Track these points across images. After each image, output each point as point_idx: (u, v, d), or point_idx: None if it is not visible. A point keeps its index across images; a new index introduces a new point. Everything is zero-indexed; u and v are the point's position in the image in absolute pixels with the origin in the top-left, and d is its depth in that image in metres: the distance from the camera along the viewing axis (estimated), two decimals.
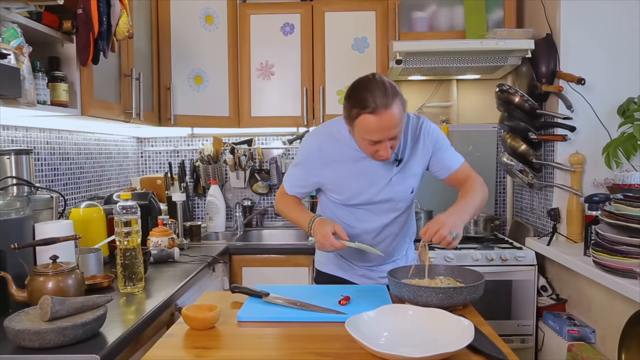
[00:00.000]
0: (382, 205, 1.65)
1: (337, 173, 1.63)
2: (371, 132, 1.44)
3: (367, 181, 1.62)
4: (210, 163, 3.03)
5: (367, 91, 1.42)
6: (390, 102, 1.40)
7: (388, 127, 1.42)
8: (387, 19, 2.77)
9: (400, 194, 1.65)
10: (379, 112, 1.40)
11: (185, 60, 2.67)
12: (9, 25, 1.48)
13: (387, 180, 1.62)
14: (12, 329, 1.15)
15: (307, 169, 1.67)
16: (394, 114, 1.41)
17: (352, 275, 1.77)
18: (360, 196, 1.64)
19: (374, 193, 1.63)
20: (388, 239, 1.71)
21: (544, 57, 2.38)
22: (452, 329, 1.12)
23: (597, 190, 2.25)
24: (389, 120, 1.41)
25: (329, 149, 1.63)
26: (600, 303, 2.00)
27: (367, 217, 1.67)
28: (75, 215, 1.90)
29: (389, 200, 1.65)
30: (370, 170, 1.61)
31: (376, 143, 1.46)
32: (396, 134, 1.46)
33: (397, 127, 1.44)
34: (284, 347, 1.17)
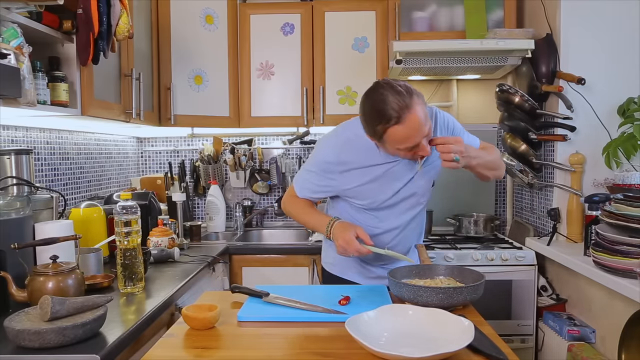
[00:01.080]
0: (405, 202, 1.63)
1: (359, 180, 1.57)
2: (405, 141, 1.37)
3: (390, 181, 1.57)
4: (210, 163, 3.03)
5: (381, 103, 1.35)
6: (409, 102, 1.34)
7: (419, 129, 1.36)
8: (387, 19, 2.77)
9: (422, 187, 1.63)
10: (404, 119, 1.33)
11: (185, 60, 2.67)
12: (9, 25, 1.48)
13: (410, 176, 1.59)
14: (12, 329, 1.15)
15: (323, 177, 1.60)
16: (418, 112, 1.34)
17: (362, 278, 1.75)
18: (383, 198, 1.59)
19: (397, 191, 1.59)
20: (409, 235, 1.70)
21: (544, 57, 2.38)
22: (452, 329, 1.12)
23: (597, 190, 2.25)
24: (416, 122, 1.34)
25: (348, 157, 1.56)
26: (600, 303, 2.00)
27: (390, 217, 1.64)
28: (75, 215, 1.91)
29: (413, 196, 1.63)
30: (392, 170, 1.57)
31: (413, 147, 1.40)
32: (428, 129, 1.39)
33: (426, 124, 1.38)
34: (284, 347, 1.17)
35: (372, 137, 1.43)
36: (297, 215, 1.69)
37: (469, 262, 2.36)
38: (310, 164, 1.64)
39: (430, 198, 1.74)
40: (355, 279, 1.75)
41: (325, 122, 2.79)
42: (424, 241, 2.64)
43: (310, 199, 1.69)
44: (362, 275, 1.75)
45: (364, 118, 1.41)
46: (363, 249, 1.46)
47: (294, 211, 1.70)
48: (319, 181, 1.62)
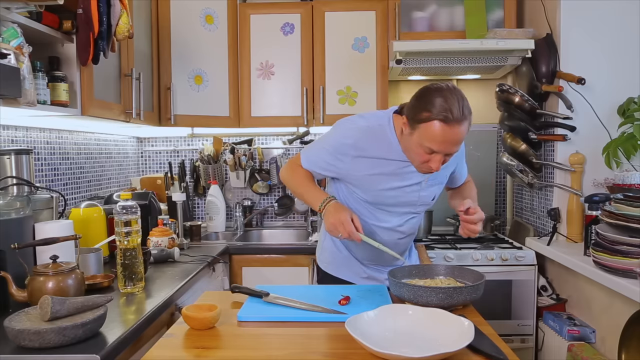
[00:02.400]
0: (404, 207, 1.64)
1: (368, 169, 1.56)
2: (435, 141, 1.39)
3: (396, 181, 1.57)
4: (210, 163, 3.03)
5: (444, 99, 1.38)
6: (464, 118, 1.39)
7: (453, 142, 1.39)
8: (387, 18, 2.77)
9: (423, 199, 1.64)
10: (451, 124, 1.36)
11: (185, 60, 2.67)
12: (9, 25, 1.49)
13: (417, 184, 1.59)
14: (12, 329, 1.15)
15: (335, 157, 1.58)
16: (463, 130, 1.39)
17: (357, 277, 1.76)
18: (385, 197, 1.60)
19: (400, 196, 1.59)
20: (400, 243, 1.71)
21: (544, 57, 2.38)
22: (452, 329, 1.12)
23: (597, 190, 2.25)
24: (457, 135, 1.38)
25: (365, 144, 1.55)
26: (600, 303, 2.00)
27: (386, 217, 1.65)
28: (75, 215, 1.90)
29: (412, 204, 1.64)
30: (405, 176, 1.57)
31: (432, 153, 1.42)
32: (456, 151, 1.44)
33: (460, 145, 1.42)
34: (284, 347, 1.17)
35: (411, 120, 1.43)
36: (294, 185, 1.66)
37: (469, 262, 2.36)
38: (325, 142, 1.62)
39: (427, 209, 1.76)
40: (350, 279, 1.75)
41: (325, 122, 2.79)
42: (424, 241, 2.65)
43: (314, 173, 1.66)
44: (356, 274, 1.76)
45: (418, 98, 1.43)
46: (355, 235, 1.45)
47: (292, 180, 1.66)
48: (329, 159, 1.60)
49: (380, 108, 2.77)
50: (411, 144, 1.46)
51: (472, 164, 2.98)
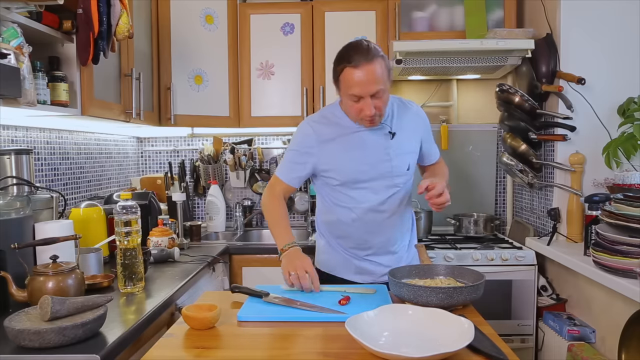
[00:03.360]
0: (380, 181, 1.68)
1: (333, 150, 1.67)
2: (353, 86, 1.52)
3: (363, 155, 1.66)
4: (210, 163, 3.03)
5: (350, 49, 1.54)
6: (372, 58, 1.50)
7: (369, 81, 1.50)
8: (387, 19, 2.77)
9: (397, 168, 1.69)
10: (360, 66, 1.49)
11: (185, 60, 2.67)
12: (9, 25, 1.49)
13: (384, 153, 1.67)
14: (12, 329, 1.15)
15: (302, 149, 1.70)
16: (375, 69, 1.50)
17: (350, 273, 1.78)
18: (358, 172, 1.66)
19: (371, 167, 1.66)
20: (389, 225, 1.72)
21: (544, 57, 2.38)
22: (452, 329, 1.12)
23: (597, 190, 2.25)
24: (369, 74, 1.49)
25: (323, 129, 1.68)
26: (600, 303, 2.00)
27: (367, 197, 1.69)
28: (75, 215, 1.91)
29: (388, 175, 1.68)
30: (365, 144, 1.66)
31: (359, 100, 1.54)
32: (378, 90, 1.52)
33: (378, 83, 1.51)
34: (284, 347, 1.17)
35: (334, 81, 1.60)
36: (268, 217, 1.75)
37: (469, 262, 2.36)
38: (290, 148, 1.75)
39: (410, 187, 1.77)
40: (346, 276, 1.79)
41: None
42: (424, 241, 2.65)
43: (292, 181, 1.74)
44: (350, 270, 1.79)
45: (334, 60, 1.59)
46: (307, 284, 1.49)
47: (267, 212, 1.75)
48: (299, 159, 1.71)
49: None
50: (344, 102, 1.61)
51: (472, 164, 3.01)
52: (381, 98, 1.55)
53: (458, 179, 3.02)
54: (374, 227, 1.70)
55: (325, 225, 1.83)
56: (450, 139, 3.01)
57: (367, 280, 1.77)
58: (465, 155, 3.02)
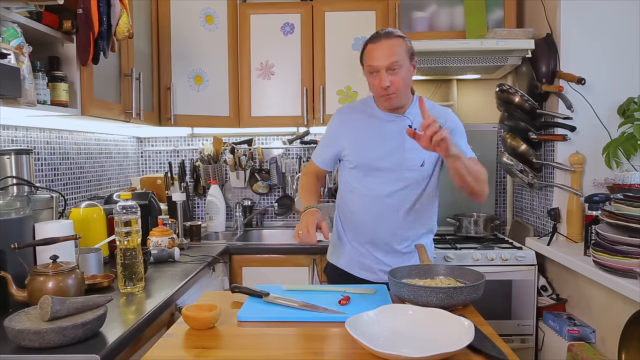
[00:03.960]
0: (391, 172, 1.71)
1: (354, 133, 1.77)
2: (370, 58, 1.63)
3: (378, 142, 1.72)
4: (210, 163, 3.03)
5: (376, 32, 1.69)
6: (390, 36, 1.63)
7: (384, 54, 1.60)
8: (387, 19, 2.76)
9: (409, 161, 1.70)
10: (380, 41, 1.62)
11: (185, 60, 2.67)
12: (9, 25, 1.49)
13: (399, 144, 1.69)
14: (12, 329, 1.15)
15: (328, 133, 1.85)
16: (394, 44, 1.61)
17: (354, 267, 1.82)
18: (371, 157, 1.72)
19: (384, 154, 1.70)
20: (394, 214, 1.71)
21: (544, 57, 2.38)
22: (452, 329, 1.12)
23: (597, 190, 2.25)
24: (386, 48, 1.61)
25: (349, 117, 1.81)
26: (600, 303, 2.00)
27: (375, 185, 1.73)
28: (75, 215, 1.90)
29: (399, 168, 1.70)
30: (383, 131, 1.72)
31: (376, 73, 1.62)
32: (392, 63, 1.60)
33: (395, 57, 1.60)
34: (284, 347, 1.17)
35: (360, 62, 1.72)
36: (300, 188, 1.90)
37: (469, 262, 2.36)
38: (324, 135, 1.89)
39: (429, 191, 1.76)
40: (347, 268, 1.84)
41: (325, 122, 2.79)
42: None
43: (321, 163, 1.87)
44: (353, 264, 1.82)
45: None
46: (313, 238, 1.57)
47: (300, 183, 1.90)
48: (324, 142, 1.86)
49: None
50: (367, 81, 1.70)
51: None
52: (397, 73, 1.62)
53: None
54: (377, 218, 1.72)
55: (339, 215, 1.89)
56: None
57: (370, 278, 1.78)
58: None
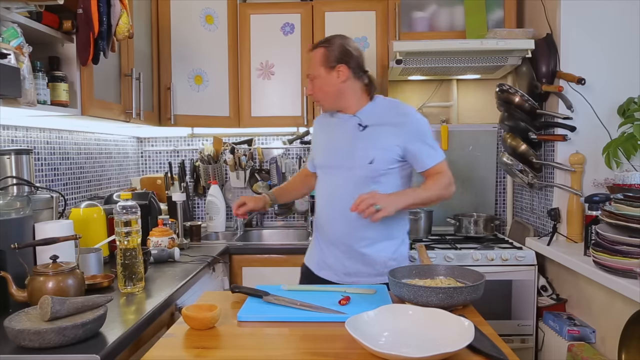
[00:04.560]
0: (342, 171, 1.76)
1: (320, 136, 1.91)
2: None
3: (331, 141, 1.83)
4: (210, 163, 3.03)
5: None
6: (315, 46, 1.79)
7: (310, 65, 1.81)
8: (387, 19, 2.76)
9: (358, 160, 1.73)
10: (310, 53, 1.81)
11: (185, 60, 2.67)
12: (9, 25, 1.48)
13: (350, 142, 1.76)
14: (12, 329, 1.15)
15: (312, 140, 2.01)
16: (313, 54, 1.78)
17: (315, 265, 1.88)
18: (325, 156, 1.84)
19: (336, 153, 1.80)
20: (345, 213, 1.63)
21: (544, 57, 2.38)
22: (452, 329, 1.12)
23: (597, 190, 2.25)
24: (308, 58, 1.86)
25: (317, 124, 1.97)
26: (600, 303, 2.00)
27: (329, 184, 1.81)
28: (75, 215, 1.90)
29: (348, 166, 1.75)
30: (336, 131, 1.82)
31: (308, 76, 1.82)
32: (310, 74, 1.79)
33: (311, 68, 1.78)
34: (284, 347, 1.17)
35: None
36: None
37: (469, 262, 2.36)
38: None
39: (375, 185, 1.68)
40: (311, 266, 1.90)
41: None
42: (424, 241, 2.65)
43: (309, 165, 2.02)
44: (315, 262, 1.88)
45: None
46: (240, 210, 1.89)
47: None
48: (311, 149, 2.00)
49: None
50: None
51: (472, 164, 3.01)
52: (313, 81, 1.78)
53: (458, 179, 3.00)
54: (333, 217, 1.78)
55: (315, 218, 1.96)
56: (450, 139, 3.01)
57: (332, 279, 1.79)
58: (465, 155, 3.02)
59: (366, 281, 1.73)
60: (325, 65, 1.75)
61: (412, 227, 2.75)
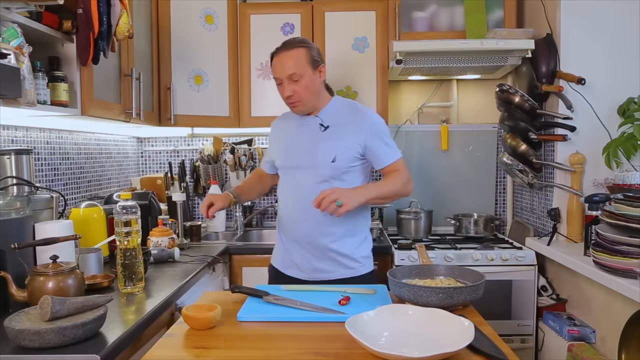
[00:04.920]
0: (305, 170, 1.79)
1: (278, 138, 1.93)
2: (274, 70, 1.78)
3: (293, 142, 1.85)
4: (210, 163, 3.03)
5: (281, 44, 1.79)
6: (291, 47, 1.75)
7: (285, 65, 1.73)
8: (387, 19, 2.76)
9: (321, 159, 1.77)
10: (280, 53, 1.76)
11: (185, 60, 2.67)
12: (9, 25, 1.48)
13: (312, 143, 1.80)
14: (12, 329, 1.15)
15: (269, 142, 2.01)
16: (295, 54, 1.73)
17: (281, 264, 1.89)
18: (287, 157, 1.86)
19: (298, 153, 1.81)
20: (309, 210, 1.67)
21: (544, 57, 2.38)
22: (452, 329, 1.12)
23: (597, 190, 2.25)
24: (286, 59, 1.73)
25: (275, 126, 1.99)
26: (600, 303, 2.00)
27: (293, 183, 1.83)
28: (75, 215, 1.91)
29: (311, 164, 1.78)
30: (297, 132, 1.85)
31: (281, 84, 1.76)
32: (292, 74, 1.72)
33: (294, 67, 1.72)
34: (284, 347, 1.17)
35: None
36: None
37: (469, 262, 2.36)
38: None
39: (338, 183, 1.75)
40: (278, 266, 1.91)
41: None
42: (424, 241, 2.65)
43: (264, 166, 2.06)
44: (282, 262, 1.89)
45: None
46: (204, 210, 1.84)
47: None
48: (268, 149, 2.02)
49: (380, 108, 2.77)
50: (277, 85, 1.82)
51: (472, 164, 3.01)
52: (298, 82, 1.74)
53: (458, 179, 3.02)
54: (298, 214, 1.81)
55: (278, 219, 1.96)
56: (450, 139, 3.01)
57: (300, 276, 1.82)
58: (465, 155, 3.02)
59: (333, 276, 1.81)
60: (311, 64, 1.76)
61: (412, 227, 2.76)
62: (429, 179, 3.02)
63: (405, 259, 2.38)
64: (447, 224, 2.87)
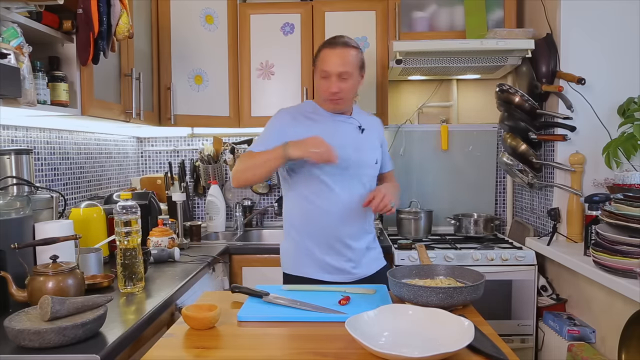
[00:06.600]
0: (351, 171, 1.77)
1: (309, 129, 1.73)
2: (326, 62, 1.71)
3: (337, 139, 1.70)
4: (210, 163, 3.03)
5: (334, 37, 1.78)
6: (347, 44, 1.73)
7: (339, 61, 1.70)
8: (387, 19, 2.76)
9: (367, 159, 1.81)
10: (336, 48, 1.72)
11: (185, 60, 2.67)
12: (9, 25, 1.48)
13: (355, 143, 1.80)
14: (12, 329, 1.15)
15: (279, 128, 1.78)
16: (348, 53, 1.72)
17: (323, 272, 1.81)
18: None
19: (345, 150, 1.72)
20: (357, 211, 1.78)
21: (544, 57, 2.38)
22: (452, 329, 1.12)
23: (597, 190, 2.25)
24: (342, 56, 1.70)
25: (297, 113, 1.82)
26: (600, 303, 2.00)
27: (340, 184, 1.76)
28: (75, 215, 1.91)
29: (358, 165, 1.78)
30: (338, 132, 1.78)
31: (328, 78, 1.71)
32: (345, 72, 1.70)
33: (348, 66, 1.70)
34: (284, 347, 1.17)
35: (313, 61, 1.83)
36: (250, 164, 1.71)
37: (469, 262, 2.36)
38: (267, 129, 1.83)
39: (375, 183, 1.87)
40: (313, 275, 1.81)
41: None
42: (424, 241, 2.65)
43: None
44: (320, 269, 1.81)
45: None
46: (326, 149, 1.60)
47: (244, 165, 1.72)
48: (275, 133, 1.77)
49: (380, 108, 2.77)
50: (316, 82, 1.78)
51: (472, 164, 3.01)
52: (347, 81, 1.72)
53: (458, 179, 3.02)
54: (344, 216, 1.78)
55: (297, 222, 1.83)
56: (450, 139, 3.01)
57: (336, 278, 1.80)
58: (465, 155, 3.02)
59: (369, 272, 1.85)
60: (359, 68, 1.78)
61: (412, 227, 2.76)
62: (429, 179, 3.02)
63: (405, 259, 2.38)
64: (447, 224, 2.87)
